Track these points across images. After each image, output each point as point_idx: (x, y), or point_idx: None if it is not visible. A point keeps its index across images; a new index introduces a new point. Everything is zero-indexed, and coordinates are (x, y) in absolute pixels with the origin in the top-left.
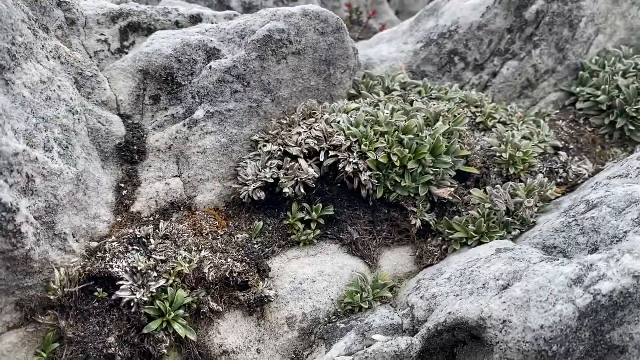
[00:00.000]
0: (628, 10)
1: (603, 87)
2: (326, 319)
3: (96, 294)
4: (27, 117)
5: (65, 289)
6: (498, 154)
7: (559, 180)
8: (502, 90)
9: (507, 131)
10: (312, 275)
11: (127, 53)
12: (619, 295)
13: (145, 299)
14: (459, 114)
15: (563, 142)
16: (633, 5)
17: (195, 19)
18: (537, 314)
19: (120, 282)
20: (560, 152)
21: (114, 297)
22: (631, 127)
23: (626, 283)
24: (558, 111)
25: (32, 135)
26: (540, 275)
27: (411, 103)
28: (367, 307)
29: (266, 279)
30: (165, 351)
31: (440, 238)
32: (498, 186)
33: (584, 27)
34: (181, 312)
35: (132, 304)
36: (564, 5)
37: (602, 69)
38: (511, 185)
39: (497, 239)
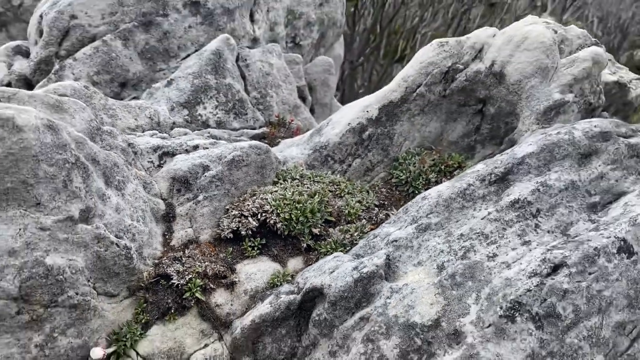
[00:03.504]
0: (420, 128)
1: (404, 170)
2: (261, 291)
3: (161, 282)
4: (129, 208)
5: (147, 281)
6: (344, 210)
7: (373, 222)
8: (354, 174)
9: (350, 198)
10: (255, 271)
11: (162, 167)
12: (371, 273)
13: (183, 283)
14: (326, 191)
15: (382, 201)
16: (422, 126)
17: (195, 147)
18: (339, 281)
19: (172, 277)
20: (376, 208)
21: (169, 283)
22: (416, 192)
23: (373, 267)
24: (383, 183)
25: (132, 215)
26: (343, 266)
27: (304, 185)
28: (279, 284)
29: (234, 273)
30: (192, 304)
31: (316, 252)
32: (337, 228)
33: (397, 138)
34: (198, 288)
35: (178, 286)
36: (384, 129)
37: (404, 160)
38: (348, 225)
39: (338, 251)
